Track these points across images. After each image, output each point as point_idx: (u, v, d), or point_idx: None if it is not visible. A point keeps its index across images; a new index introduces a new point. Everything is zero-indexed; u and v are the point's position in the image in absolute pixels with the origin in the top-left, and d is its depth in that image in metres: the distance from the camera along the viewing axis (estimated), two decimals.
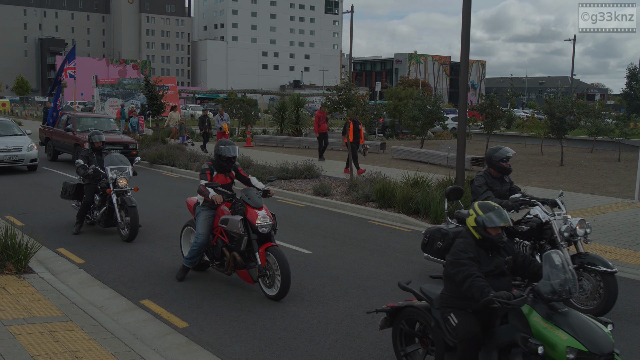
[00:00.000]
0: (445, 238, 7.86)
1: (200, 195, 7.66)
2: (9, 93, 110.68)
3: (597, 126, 27.71)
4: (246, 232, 7.26)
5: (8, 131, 19.66)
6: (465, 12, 12.61)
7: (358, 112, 16.69)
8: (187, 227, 8.53)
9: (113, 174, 10.30)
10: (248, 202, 7.34)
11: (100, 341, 5.73)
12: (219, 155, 7.80)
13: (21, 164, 18.61)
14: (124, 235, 10.12)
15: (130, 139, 21.76)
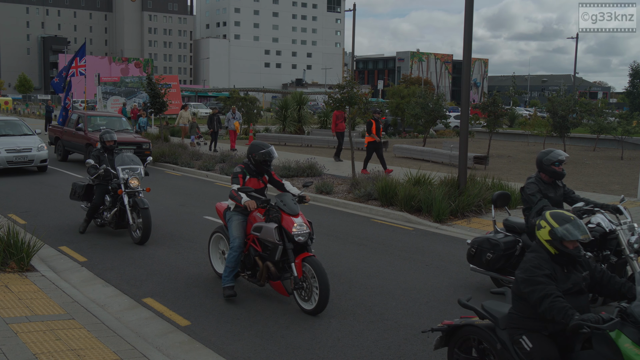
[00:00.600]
0: (496, 249, 7.28)
1: (232, 200, 7.19)
2: (11, 91, 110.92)
3: (600, 124, 27.67)
4: (281, 241, 6.73)
5: (17, 130, 19.08)
6: (468, 11, 12.58)
7: (360, 110, 16.66)
8: (216, 234, 8.00)
9: (124, 174, 9.99)
10: (283, 209, 6.84)
11: (102, 339, 5.73)
12: (253, 157, 7.29)
13: (31, 164, 18.05)
14: (135, 237, 9.81)
15: (144, 139, 21.14)
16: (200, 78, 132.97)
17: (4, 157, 17.46)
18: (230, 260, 7.10)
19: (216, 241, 8.07)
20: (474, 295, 7.56)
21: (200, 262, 8.79)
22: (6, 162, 17.46)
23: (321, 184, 15.05)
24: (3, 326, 5.85)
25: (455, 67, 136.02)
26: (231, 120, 26.08)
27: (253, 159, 7.29)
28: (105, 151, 10.54)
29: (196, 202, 14.09)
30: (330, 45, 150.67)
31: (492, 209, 8.13)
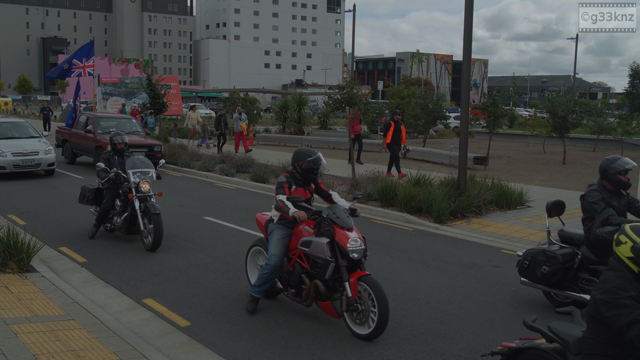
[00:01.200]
0: (553, 262, 6.79)
1: (278, 211, 6.52)
2: (11, 92, 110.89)
3: (600, 125, 27.69)
4: (334, 258, 6.11)
5: (24, 133, 18.46)
6: (468, 11, 12.59)
7: (360, 110, 16.68)
8: (255, 248, 7.43)
9: (135, 178, 9.57)
10: (336, 222, 6.21)
11: (102, 340, 5.73)
12: (300, 165, 6.68)
13: (38, 168, 17.37)
14: (147, 244, 9.39)
15: (155, 141, 20.47)
16: (200, 79, 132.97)
17: (10, 160, 16.86)
18: (263, 276, 6.58)
19: (254, 255, 7.49)
20: (486, 300, 7.57)
21: (200, 263, 8.80)
22: (12, 165, 16.86)
23: None
24: (3, 327, 5.85)
25: (455, 67, 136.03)
26: (238, 122, 25.59)
27: (299, 167, 6.67)
28: (115, 154, 10.23)
29: (196, 202, 14.09)
30: (330, 45, 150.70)
31: (546, 218, 7.52)
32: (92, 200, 10.41)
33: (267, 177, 16.89)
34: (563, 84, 42.23)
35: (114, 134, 10.36)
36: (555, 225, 7.75)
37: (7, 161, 16.76)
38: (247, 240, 10.21)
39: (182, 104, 47.55)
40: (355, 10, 42.29)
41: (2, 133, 17.85)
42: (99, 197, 10.38)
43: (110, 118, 21.52)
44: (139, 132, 20.89)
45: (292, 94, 37.94)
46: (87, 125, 20.39)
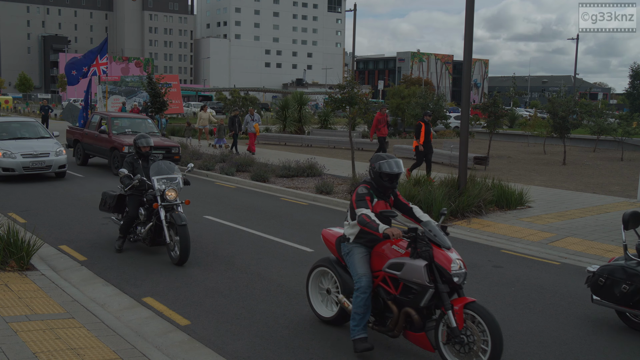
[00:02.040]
0: (634, 280, 6.20)
1: (363, 227, 5.68)
2: (11, 90, 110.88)
3: (600, 125, 27.72)
4: (432, 283, 5.32)
5: (34, 133, 17.59)
6: (469, 11, 12.58)
7: (361, 110, 16.68)
8: (319, 269, 6.53)
9: (161, 185, 8.77)
10: (434, 240, 5.49)
11: (102, 338, 5.73)
12: (373, 169, 5.95)
13: (49, 170, 16.49)
14: (174, 257, 8.60)
15: (173, 143, 19.63)
16: (201, 78, 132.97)
17: (19, 162, 15.96)
18: (359, 305, 5.64)
19: (318, 277, 6.61)
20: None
21: (199, 262, 8.80)
22: (22, 167, 15.98)
23: (321, 184, 15.06)
24: (3, 325, 5.85)
25: (455, 67, 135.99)
26: (250, 123, 25.00)
27: (372, 171, 5.96)
28: (139, 158, 9.46)
29: (196, 201, 14.08)
30: (331, 45, 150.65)
31: (622, 231, 6.72)
32: (114, 207, 9.60)
33: (267, 177, 16.89)
34: (564, 84, 42.21)
35: (139, 136, 9.58)
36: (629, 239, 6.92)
37: (16, 163, 15.94)
38: (246, 239, 10.22)
39: (182, 103, 47.49)
40: (356, 9, 42.26)
41: (11, 133, 17.19)
42: (121, 204, 9.60)
43: (125, 118, 20.80)
44: (155, 133, 19.97)
45: (292, 93, 37.94)
46: (101, 125, 19.60)
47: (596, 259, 9.36)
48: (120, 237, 9.31)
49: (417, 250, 5.47)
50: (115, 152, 18.00)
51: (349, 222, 6.02)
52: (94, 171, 19.13)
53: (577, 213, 12.91)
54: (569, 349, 6.06)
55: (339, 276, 6.22)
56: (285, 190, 15.45)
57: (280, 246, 9.88)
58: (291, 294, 7.44)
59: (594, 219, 12.29)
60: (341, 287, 6.18)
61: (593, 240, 10.55)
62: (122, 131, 18.99)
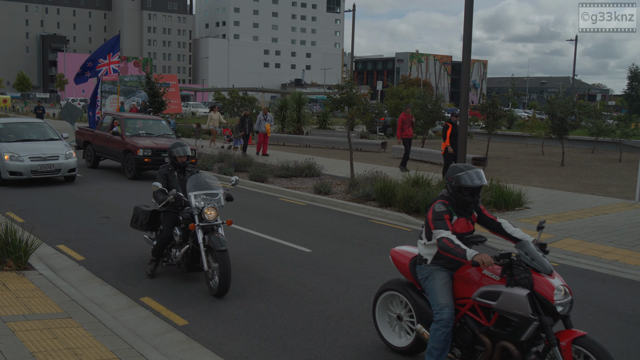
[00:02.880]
0: None
1: (446, 253, 4.96)
2: (10, 89, 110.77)
3: (598, 127, 27.74)
4: (536, 314, 4.59)
5: (42, 135, 16.75)
6: (467, 12, 12.59)
7: (359, 110, 16.68)
8: (388, 293, 5.90)
9: (199, 202, 7.54)
10: (533, 265, 4.71)
11: (99, 338, 5.72)
12: (457, 186, 5.15)
13: (58, 174, 15.73)
14: (212, 287, 7.32)
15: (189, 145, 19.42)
16: (200, 77, 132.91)
17: (27, 165, 15.14)
18: (439, 340, 4.96)
19: (387, 301, 5.98)
20: None
21: None
22: (30, 171, 15.17)
23: (319, 184, 15.06)
24: (0, 325, 5.84)
25: (454, 68, 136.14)
26: (262, 123, 24.33)
27: (450, 185, 5.21)
28: (175, 169, 8.24)
29: None
30: (330, 45, 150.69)
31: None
32: (146, 225, 8.39)
33: (265, 177, 16.89)
34: (562, 85, 42.27)
35: (174, 144, 8.32)
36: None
37: (24, 166, 15.11)
38: (244, 239, 10.22)
39: (181, 103, 47.47)
40: (355, 10, 42.28)
41: (19, 135, 16.36)
42: (154, 221, 8.39)
43: (138, 119, 19.85)
44: (170, 134, 19.07)
45: (291, 94, 37.95)
46: (113, 126, 18.80)
47: (594, 260, 9.37)
48: (152, 260, 8.08)
49: (514, 277, 4.73)
50: (129, 155, 17.38)
51: (424, 241, 5.32)
52: (93, 171, 19.09)
53: (576, 214, 12.92)
54: None
55: (414, 303, 5.50)
56: (284, 191, 15.44)
57: (278, 246, 9.88)
58: (289, 294, 7.43)
59: (592, 220, 12.30)
60: (417, 315, 5.47)
61: (591, 241, 10.55)
62: (136, 133, 18.29)
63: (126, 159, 17.60)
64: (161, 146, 17.12)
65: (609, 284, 8.34)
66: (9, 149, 15.30)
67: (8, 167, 15.03)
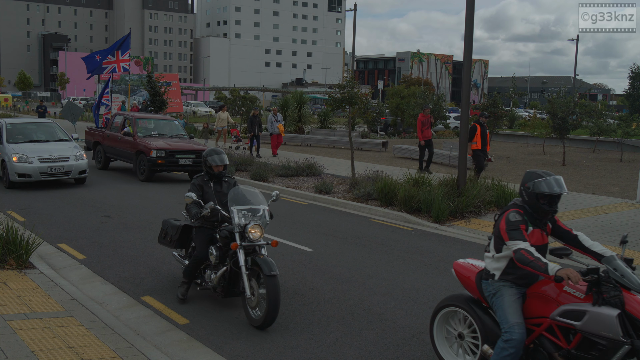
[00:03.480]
0: None
1: (525, 267, 4.50)
2: (11, 88, 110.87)
3: (600, 126, 27.71)
4: (627, 337, 4.17)
5: (51, 135, 16.16)
6: (469, 12, 12.58)
7: (360, 110, 16.68)
8: (448, 309, 5.36)
9: (241, 219, 6.52)
10: (623, 283, 4.34)
11: (101, 337, 5.73)
12: (535, 193, 4.78)
13: (68, 176, 15.09)
14: (254, 317, 6.35)
15: (203, 147, 17.65)
16: (201, 76, 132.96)
17: (36, 167, 14.53)
18: (505, 358, 4.54)
19: (446, 319, 5.44)
20: None
21: None
22: (39, 173, 14.57)
23: (320, 183, 15.06)
24: (2, 323, 5.84)
25: (455, 67, 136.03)
26: (274, 123, 23.60)
27: (526, 192, 4.83)
28: (210, 179, 7.19)
29: None
30: (331, 44, 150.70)
31: None
32: (177, 241, 7.47)
33: (266, 176, 16.89)
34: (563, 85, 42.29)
35: (210, 151, 7.25)
36: None
37: (33, 168, 14.48)
38: None
39: (182, 102, 47.49)
40: (356, 9, 42.26)
41: (27, 136, 15.81)
42: (186, 237, 7.45)
43: (151, 119, 19.32)
44: (183, 135, 18.37)
45: (292, 93, 37.95)
46: (125, 127, 18.17)
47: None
48: (184, 282, 7.11)
49: (602, 295, 4.28)
50: (142, 156, 16.72)
51: (492, 253, 4.91)
52: (94, 170, 19.10)
53: (576, 214, 12.91)
54: None
55: (479, 321, 5.00)
56: (285, 190, 15.44)
57: (279, 245, 9.86)
58: (290, 293, 7.44)
59: (593, 220, 12.29)
60: (482, 334, 4.97)
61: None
62: (148, 133, 17.74)
63: (138, 160, 16.95)
64: (175, 147, 16.71)
65: None
66: (17, 150, 14.70)
67: (16, 169, 14.42)
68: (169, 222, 7.71)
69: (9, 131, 15.55)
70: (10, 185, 14.65)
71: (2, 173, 15.01)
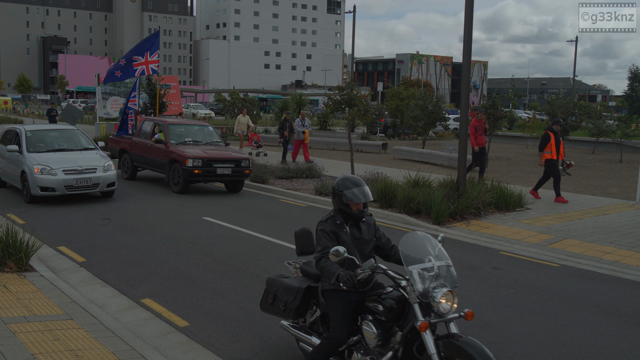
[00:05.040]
0: None
1: None
2: (10, 91, 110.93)
3: (599, 127, 27.77)
4: None
5: (75, 143, 14.64)
6: (468, 13, 12.59)
7: (360, 112, 16.69)
8: None
9: (425, 283, 4.27)
10: None
11: (100, 340, 5.73)
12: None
13: (96, 189, 13.62)
14: None
15: (242, 155, 16.44)
16: (200, 79, 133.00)
17: (61, 180, 13.02)
18: None
19: None
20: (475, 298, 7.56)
21: (198, 263, 8.79)
22: (64, 187, 13.06)
23: (320, 185, 15.07)
24: (1, 326, 5.84)
25: (454, 69, 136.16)
26: (301, 129, 22.26)
27: None
28: (345, 220, 4.94)
29: (195, 202, 14.07)
30: (330, 46, 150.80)
31: None
32: (296, 309, 5.18)
33: (266, 178, 16.89)
34: (562, 86, 42.30)
35: (344, 182, 4.91)
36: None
37: (57, 181, 13.01)
38: (246, 241, 10.22)
39: (181, 104, 47.49)
40: (356, 11, 42.31)
41: (49, 144, 14.34)
42: (307, 301, 5.19)
43: (183, 125, 17.77)
44: (219, 142, 16.91)
45: (292, 95, 37.97)
46: (155, 133, 16.75)
47: (595, 261, 9.37)
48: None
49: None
50: (176, 165, 15.24)
51: None
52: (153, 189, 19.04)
53: (576, 215, 12.92)
54: (568, 350, 6.06)
55: None
56: (284, 192, 15.44)
57: (279, 248, 9.88)
58: None
59: (592, 221, 12.30)
60: None
61: (592, 242, 10.55)
62: (182, 140, 16.22)
63: (172, 170, 15.42)
64: (213, 156, 15.25)
65: (610, 285, 8.33)
66: (39, 161, 13.21)
67: (39, 182, 12.90)
68: (278, 281, 5.41)
69: (28, 139, 14.06)
70: (31, 199, 13.21)
71: (22, 186, 13.50)
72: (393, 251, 5.09)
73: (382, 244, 5.20)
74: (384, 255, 5.13)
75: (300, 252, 5.53)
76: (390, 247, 5.16)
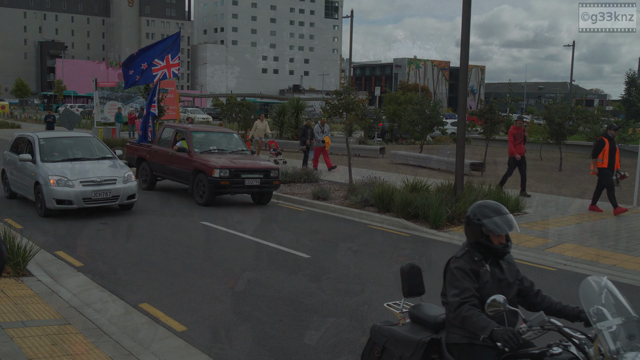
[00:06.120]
0: None
1: None
2: (8, 96, 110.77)
3: (596, 132, 27.85)
4: None
5: (92, 152, 13.64)
6: (465, 18, 12.64)
7: (357, 116, 16.72)
8: None
9: (615, 343, 3.46)
10: None
11: (98, 344, 5.72)
12: None
13: (115, 202, 12.55)
14: None
15: (271, 164, 15.48)
16: (198, 83, 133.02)
17: (79, 192, 11.99)
18: None
19: None
20: None
21: (196, 268, 8.78)
22: (82, 199, 12.05)
23: (318, 189, 15.07)
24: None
25: (452, 74, 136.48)
26: (320, 135, 21.44)
27: None
28: (485, 259, 4.10)
29: (193, 207, 14.07)
30: (328, 51, 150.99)
31: None
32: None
33: None
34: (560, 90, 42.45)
35: (482, 209, 4.07)
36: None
37: (74, 193, 11.98)
38: (244, 245, 10.22)
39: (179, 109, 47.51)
40: (353, 16, 42.40)
41: (63, 153, 13.25)
42: (427, 358, 4.19)
43: (207, 132, 16.61)
44: (245, 150, 16.01)
45: (289, 100, 38.00)
46: (176, 141, 15.66)
47: (592, 265, 9.38)
48: None
49: None
50: (201, 175, 14.18)
51: None
52: (173, 200, 19.01)
53: (573, 219, 12.94)
54: None
55: None
56: (282, 196, 15.44)
57: (276, 252, 9.88)
58: (287, 300, 7.44)
59: (590, 225, 12.32)
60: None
61: (589, 246, 10.57)
62: (206, 149, 15.15)
63: (196, 180, 14.38)
64: (240, 166, 14.27)
65: None
66: (55, 171, 12.23)
67: (55, 194, 11.90)
68: (388, 330, 4.49)
69: (42, 147, 13.04)
70: (46, 213, 12.13)
71: (36, 198, 12.46)
72: (539, 298, 4.15)
73: (524, 287, 4.16)
74: (527, 303, 4.18)
75: (409, 292, 4.78)
76: (535, 293, 4.17)
